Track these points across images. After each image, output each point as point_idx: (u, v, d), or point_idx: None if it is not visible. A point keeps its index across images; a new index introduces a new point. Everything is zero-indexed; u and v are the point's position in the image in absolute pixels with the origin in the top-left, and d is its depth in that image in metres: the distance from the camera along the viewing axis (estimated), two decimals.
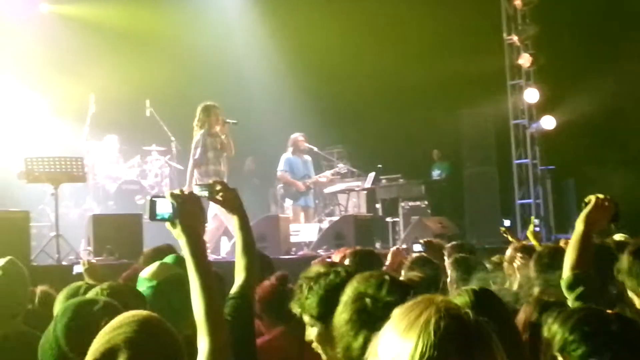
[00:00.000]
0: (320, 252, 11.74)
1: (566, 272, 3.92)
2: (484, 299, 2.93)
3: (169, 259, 4.65)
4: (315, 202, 14.89)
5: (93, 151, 14.27)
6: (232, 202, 4.10)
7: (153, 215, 2.95)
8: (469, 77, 16.02)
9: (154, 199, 2.98)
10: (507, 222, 10.48)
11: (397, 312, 1.87)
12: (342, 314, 2.85)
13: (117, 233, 9.74)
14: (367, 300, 2.84)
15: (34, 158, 10.25)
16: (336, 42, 17.46)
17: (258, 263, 4.15)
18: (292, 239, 12.56)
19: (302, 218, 13.96)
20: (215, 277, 3.12)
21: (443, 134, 17.23)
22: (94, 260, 9.38)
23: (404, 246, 9.87)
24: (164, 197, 2.97)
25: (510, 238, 9.37)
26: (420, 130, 17.06)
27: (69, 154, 10.91)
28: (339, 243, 12.05)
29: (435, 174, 17.20)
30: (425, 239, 7.63)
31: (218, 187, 4.04)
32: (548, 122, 16.37)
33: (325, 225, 13.88)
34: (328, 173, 14.92)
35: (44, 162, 10.19)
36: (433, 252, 7.08)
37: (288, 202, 14.12)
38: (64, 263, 9.56)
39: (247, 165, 17.56)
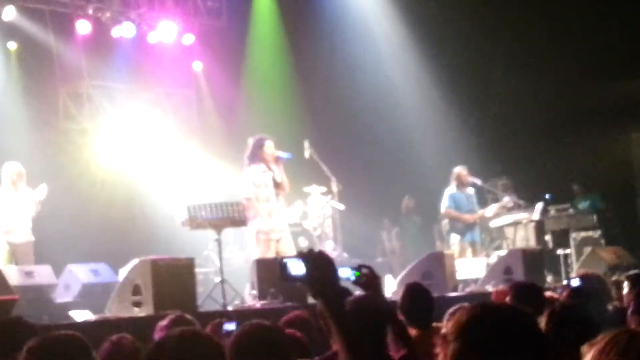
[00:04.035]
0: (489, 287, 11.35)
1: None
2: None
3: None
4: (482, 236, 14.51)
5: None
6: (375, 288, 4.21)
7: (284, 277, 2.96)
8: (639, 100, 15.34)
9: (284, 260, 2.98)
10: None
11: (598, 348, 1.77)
12: None
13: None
14: None
15: (196, 205, 10.41)
16: (497, 71, 17.12)
17: None
18: (459, 276, 12.21)
19: (469, 254, 13.67)
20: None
21: (612, 159, 16.51)
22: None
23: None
24: (294, 257, 2.98)
25: None
26: (588, 157, 16.41)
27: (230, 200, 11.03)
28: (507, 278, 11.62)
29: (584, 205, 16.27)
30: (582, 272, 7.13)
31: (364, 270, 4.13)
32: None
33: (492, 260, 13.47)
34: (495, 207, 14.53)
35: (205, 208, 10.33)
36: (591, 285, 6.63)
37: (454, 238, 13.87)
38: (229, 308, 9.59)
39: (404, 204, 17.33)
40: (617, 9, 15.70)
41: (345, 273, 4.01)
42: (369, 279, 4.13)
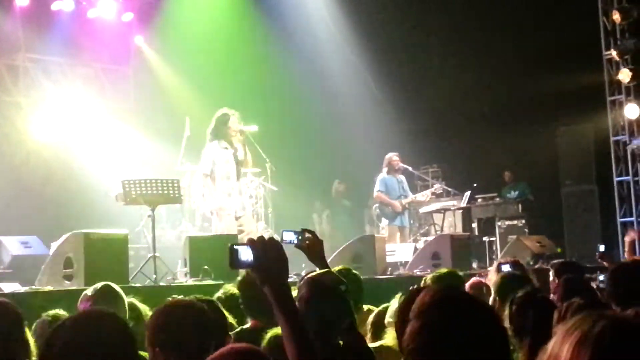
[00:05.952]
0: (417, 272, 11.61)
1: None
2: None
3: None
4: (411, 222, 14.75)
5: (188, 173, 14.37)
6: (317, 253, 4.30)
7: (233, 264, 2.87)
8: (567, 94, 15.68)
9: (234, 247, 2.87)
10: (602, 247, 10.11)
11: (564, 329, 1.78)
12: None
13: (213, 254, 9.70)
14: None
15: (131, 180, 10.35)
16: (433, 61, 17.35)
17: None
18: (388, 259, 12.42)
19: (398, 238, 13.87)
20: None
21: (540, 151, 16.89)
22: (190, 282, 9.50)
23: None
24: (244, 244, 2.87)
25: (605, 264, 9.11)
26: (516, 149, 16.77)
27: (165, 177, 11.00)
28: (435, 263, 11.90)
29: (512, 195, 16.63)
30: (512, 259, 7.33)
31: (307, 235, 4.22)
32: None
33: (420, 245, 13.72)
34: (427, 192, 14.78)
35: (140, 184, 10.28)
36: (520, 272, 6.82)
37: (384, 222, 14.06)
38: (161, 284, 9.64)
39: (334, 188, 17.52)
40: (548, 4, 16.04)
41: (289, 236, 4.14)
42: (312, 243, 4.25)
